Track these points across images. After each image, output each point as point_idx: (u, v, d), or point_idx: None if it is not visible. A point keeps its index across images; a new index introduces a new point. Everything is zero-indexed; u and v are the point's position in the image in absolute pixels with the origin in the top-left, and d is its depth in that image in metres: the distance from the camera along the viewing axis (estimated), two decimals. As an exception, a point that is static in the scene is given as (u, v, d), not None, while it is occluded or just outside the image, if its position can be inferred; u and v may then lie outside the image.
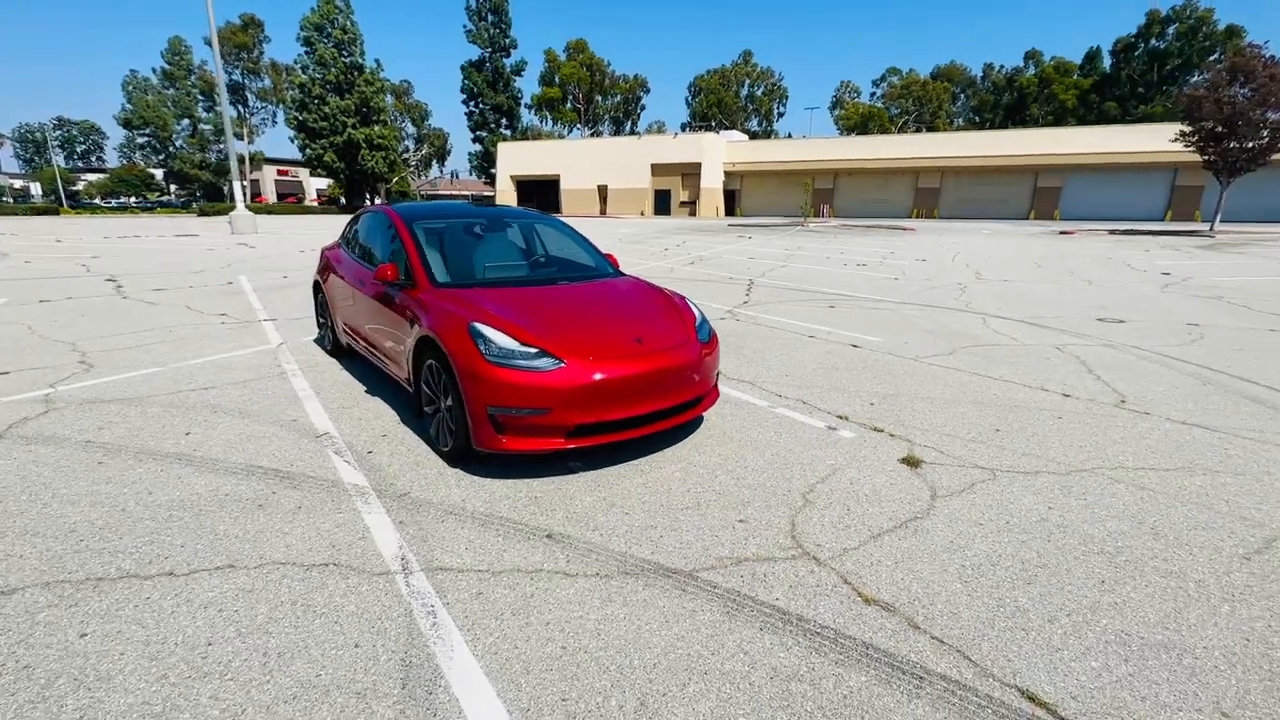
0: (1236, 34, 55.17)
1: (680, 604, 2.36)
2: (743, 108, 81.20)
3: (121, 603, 2.31)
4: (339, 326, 5.43)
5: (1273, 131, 22.52)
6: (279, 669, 2.00)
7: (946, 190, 42.85)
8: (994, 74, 76.23)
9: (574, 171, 48.77)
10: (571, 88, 74.53)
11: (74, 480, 3.27)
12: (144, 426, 4.05)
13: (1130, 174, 37.80)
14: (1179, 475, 3.53)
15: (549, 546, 2.74)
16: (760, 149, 49.99)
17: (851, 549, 2.75)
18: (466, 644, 2.12)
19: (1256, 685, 1.99)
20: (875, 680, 1.99)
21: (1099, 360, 6.08)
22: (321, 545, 2.71)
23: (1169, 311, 8.73)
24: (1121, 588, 2.49)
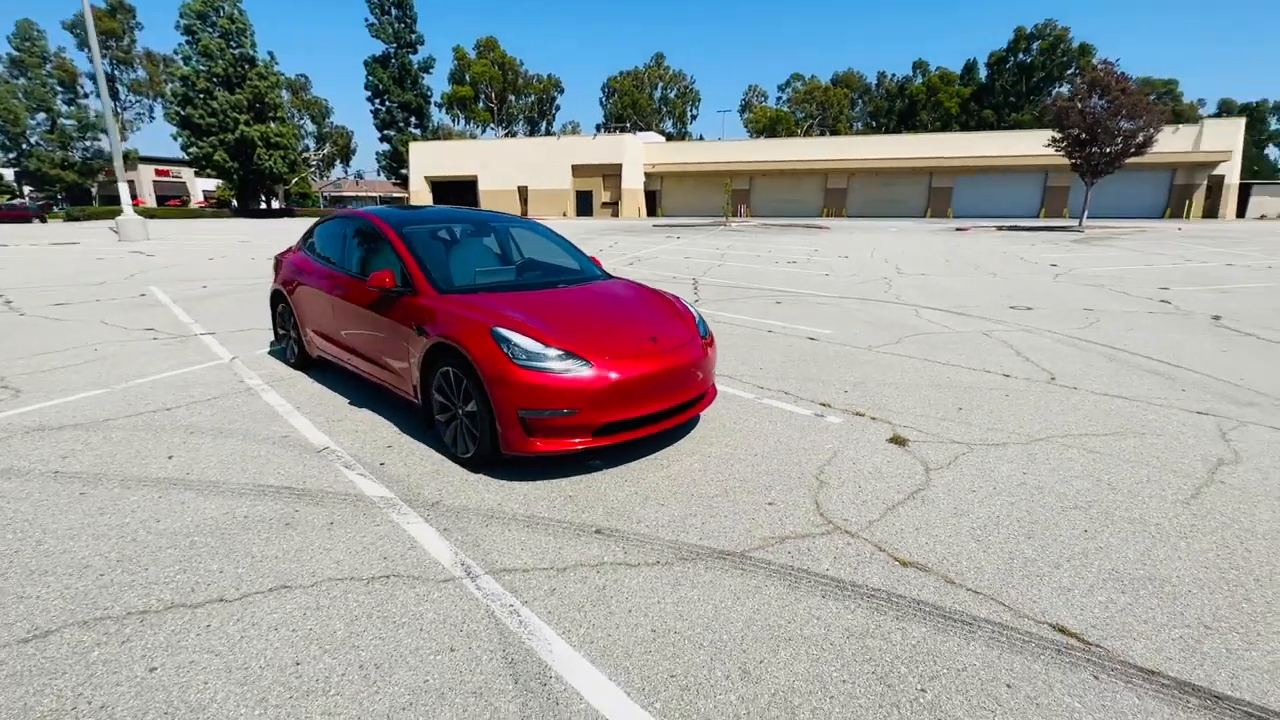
0: (1088, 51, 62.28)
1: (744, 582, 2.54)
2: (656, 110, 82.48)
3: (180, 633, 2.19)
4: (308, 338, 5.19)
5: (1125, 139, 25.73)
6: (382, 679, 2.00)
7: (853, 190, 45.62)
8: (887, 82, 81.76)
9: (492, 172, 47.78)
10: (483, 86, 72.89)
11: (61, 514, 3.00)
12: (115, 452, 3.73)
13: (1009, 176, 41.85)
14: (1115, 439, 4.11)
15: (602, 541, 2.84)
16: (679, 150, 51.05)
17: (875, 521, 3.03)
18: (560, 637, 2.20)
19: (1224, 602, 2.43)
20: (934, 630, 2.26)
21: (1022, 343, 6.82)
22: (372, 558, 2.67)
23: (1065, 299, 9.86)
24: (1101, 535, 2.92)
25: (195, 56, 44.95)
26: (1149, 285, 11.30)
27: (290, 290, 5.30)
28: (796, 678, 2.02)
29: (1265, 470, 3.61)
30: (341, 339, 4.66)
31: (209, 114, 45.40)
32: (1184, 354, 6.38)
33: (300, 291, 5.17)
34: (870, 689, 1.98)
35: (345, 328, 4.59)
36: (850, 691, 1.97)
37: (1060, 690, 1.97)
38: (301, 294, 5.15)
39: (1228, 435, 4.17)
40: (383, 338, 4.12)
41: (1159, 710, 1.90)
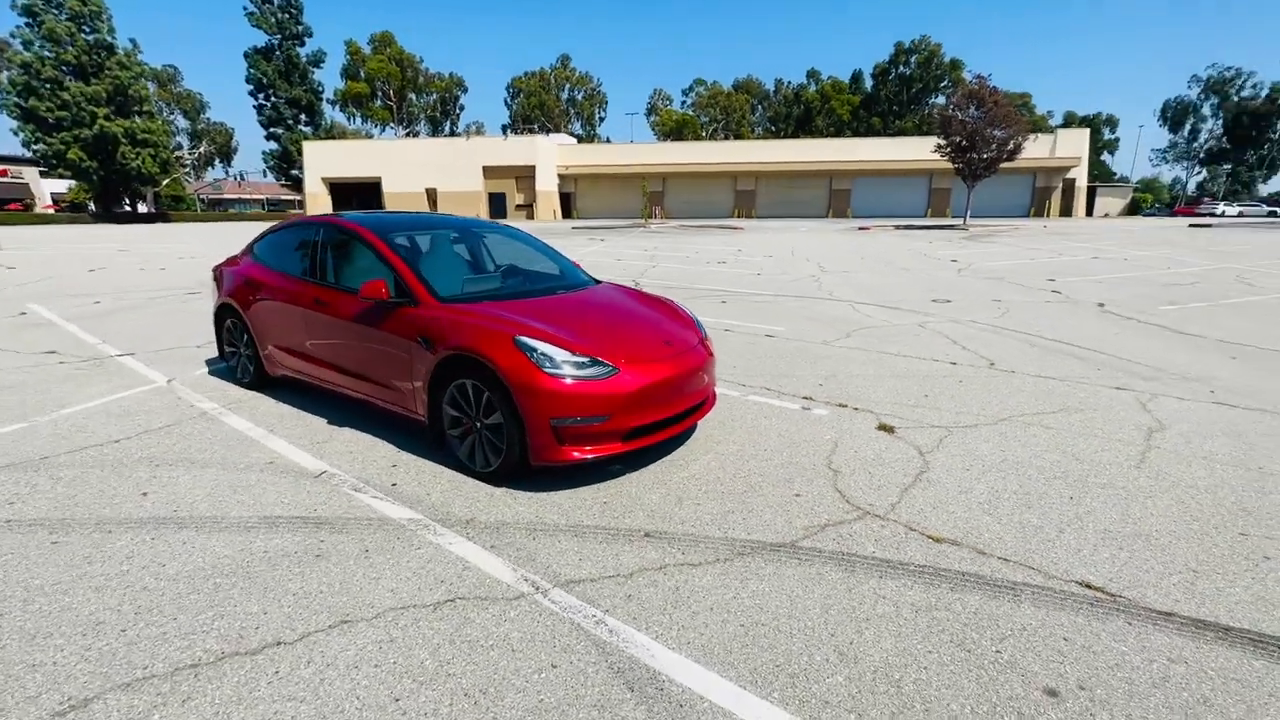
0: (958, 65, 68.60)
1: (805, 571, 2.66)
2: (565, 111, 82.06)
3: (247, 684, 2.01)
4: (268, 355, 4.79)
5: (999, 146, 28.65)
6: (495, 703, 1.94)
7: (761, 192, 47.62)
8: (784, 89, 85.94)
9: (398, 174, 45.62)
10: (381, 83, 69.40)
11: (38, 567, 2.63)
12: (74, 494, 3.30)
13: (899, 179, 45.34)
14: (1063, 415, 4.63)
15: (655, 544, 2.87)
16: (592, 153, 51.09)
17: (895, 503, 3.26)
18: (656, 641, 2.22)
19: (1198, 549, 2.83)
20: (986, 596, 2.49)
21: (955, 334, 7.48)
22: (428, 583, 2.55)
23: (974, 292, 10.87)
24: (1084, 500, 3.30)
25: (39, 41, 39.68)
26: (1038, 278, 12.68)
27: (243, 304, 4.86)
28: (888, 654, 2.17)
29: (1186, 435, 4.21)
30: (316, 355, 4.35)
31: (59, 106, 40.28)
32: (1086, 337, 7.25)
33: (258, 306, 4.76)
34: (954, 656, 2.16)
35: (321, 343, 4.29)
36: (939, 660, 2.14)
37: (1107, 639, 2.24)
38: (260, 309, 4.75)
39: (1147, 406, 4.81)
40: (375, 352, 3.90)
41: (1185, 645, 2.21)
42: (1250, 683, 2.04)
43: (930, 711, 1.92)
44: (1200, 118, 70.57)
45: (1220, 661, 2.13)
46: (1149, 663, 2.12)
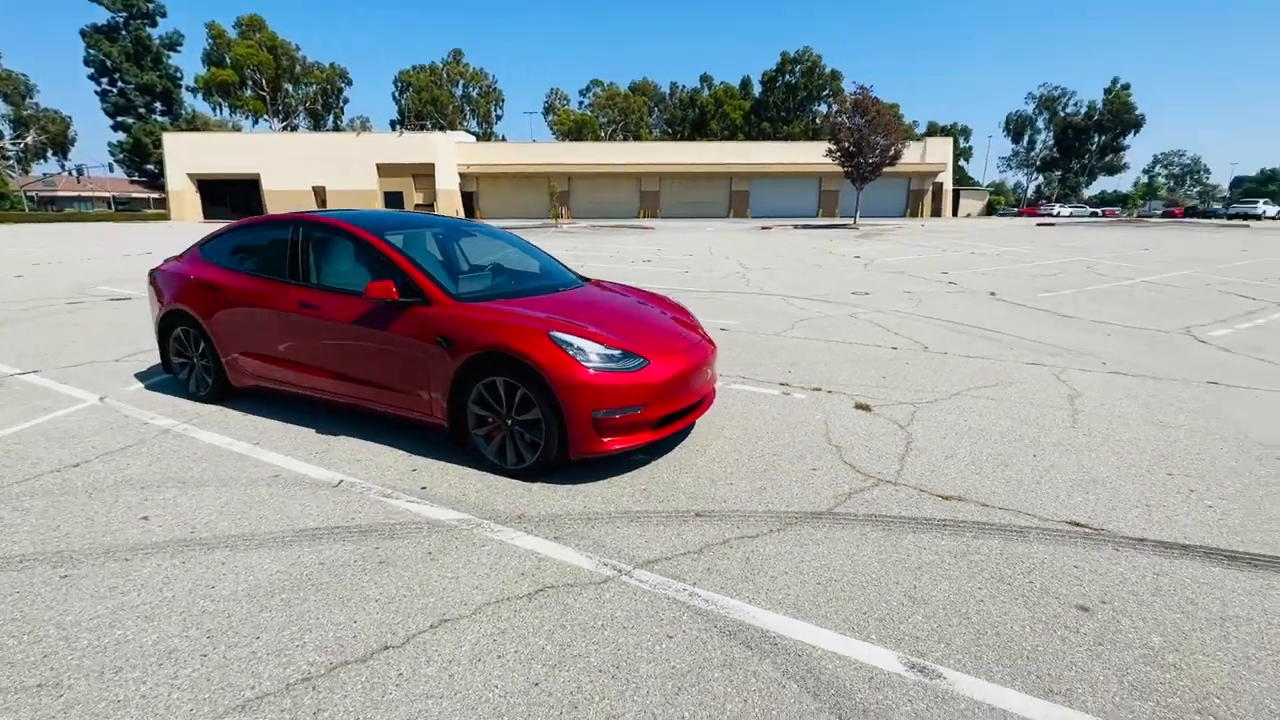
0: (838, 76, 73.80)
1: (850, 533, 2.95)
2: (459, 108, 79.34)
3: (375, 687, 1.97)
4: (234, 364, 4.43)
5: (882, 152, 31.29)
6: (631, 674, 2.04)
7: (665, 193, 48.72)
8: (679, 92, 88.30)
9: (280, 170, 42.11)
10: (251, 71, 63.57)
11: (62, 604, 2.36)
12: (56, 525, 2.94)
13: (793, 180, 48.12)
14: (1000, 389, 5.31)
15: (709, 521, 3.04)
16: (495, 151, 49.85)
17: (900, 470, 3.65)
18: (752, 605, 2.41)
19: (1142, 488, 3.43)
20: (1002, 539, 2.89)
21: (884, 322, 8.23)
22: (510, 576, 2.57)
23: (885, 284, 11.92)
24: (1045, 457, 3.87)
25: None
26: (934, 271, 14.10)
27: (201, 310, 4.46)
28: (948, 593, 2.49)
29: (1099, 400, 4.99)
30: (303, 361, 4.10)
31: None
32: (991, 321, 8.25)
33: (221, 312, 4.38)
34: (999, 589, 2.52)
35: (310, 348, 4.05)
36: (989, 593, 2.49)
37: (1104, 563, 2.71)
38: (224, 315, 4.37)
39: (1060, 378, 5.62)
40: (382, 355, 3.76)
41: (1162, 562, 2.72)
42: (1217, 584, 2.56)
43: (1000, 634, 2.25)
44: (1036, 130, 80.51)
45: (1191, 572, 2.65)
46: (1142, 578, 2.60)
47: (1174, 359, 6.31)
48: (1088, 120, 75.02)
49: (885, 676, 2.04)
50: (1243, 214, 47.13)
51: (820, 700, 1.94)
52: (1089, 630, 2.27)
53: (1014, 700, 1.95)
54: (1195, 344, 7.01)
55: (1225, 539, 2.91)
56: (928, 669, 2.07)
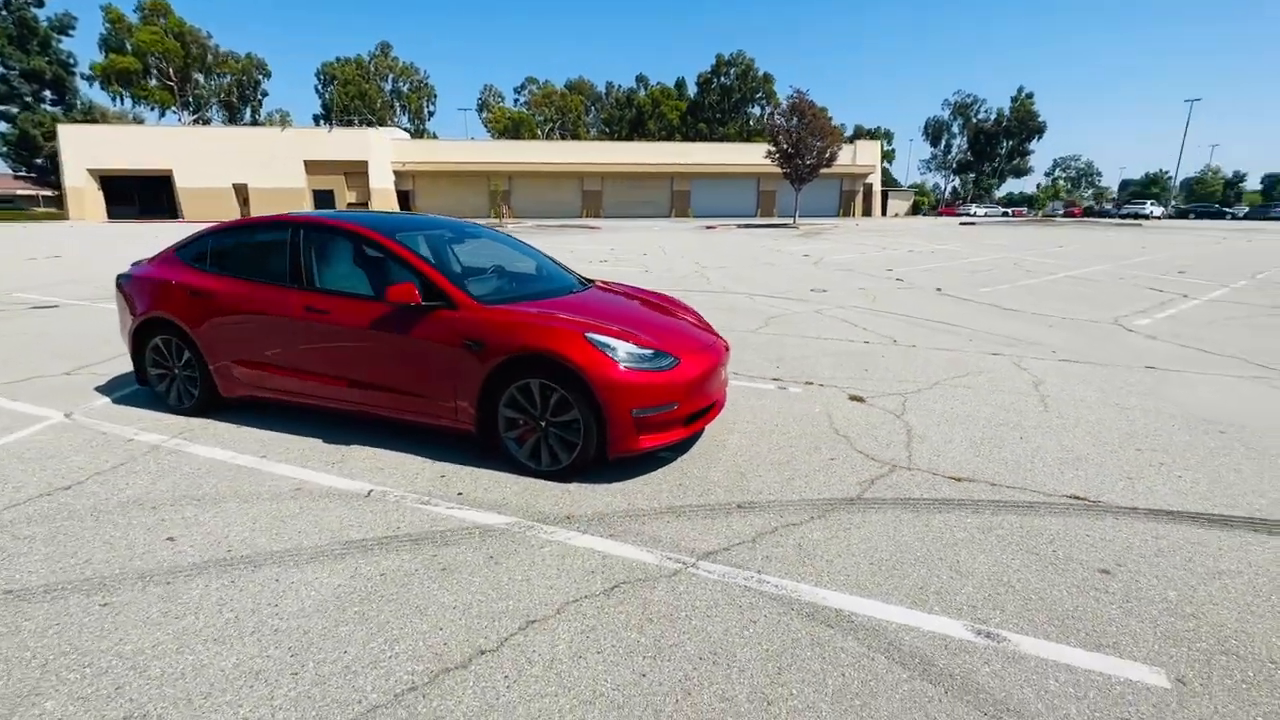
0: (770, 79, 75.97)
1: (885, 516, 3.15)
2: (389, 103, 76.50)
3: (487, 690, 1.97)
4: (226, 373, 4.20)
5: (819, 153, 32.51)
6: (730, 658, 2.13)
7: (607, 192, 48.74)
8: (615, 92, 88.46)
9: (195, 166, 39.33)
10: (156, 59, 58.98)
11: (113, 633, 2.21)
12: (73, 551, 2.73)
13: (733, 181, 49.23)
14: (971, 377, 5.72)
15: (752, 512, 3.17)
16: (432, 149, 48.37)
17: (909, 456, 3.90)
18: (818, 587, 2.54)
19: (1121, 462, 3.82)
20: (1017, 514, 3.16)
21: (849, 317, 8.64)
22: (579, 575, 2.61)
23: (839, 282, 12.46)
24: (1031, 439, 4.22)
25: None
26: (879, 268, 14.84)
27: (186, 318, 4.19)
28: (987, 565, 2.71)
29: (1060, 386, 5.46)
30: (309, 369, 3.94)
31: None
32: (944, 315, 8.81)
33: (211, 319, 4.14)
34: (1030, 559, 2.77)
35: (318, 355, 3.90)
36: (1023, 563, 2.73)
37: (1110, 530, 3.02)
38: (215, 322, 4.13)
39: (1021, 366, 6.11)
40: (402, 360, 3.67)
41: (1158, 527, 3.05)
42: (1205, 544, 2.90)
43: (1044, 598, 2.49)
44: (952, 135, 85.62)
45: (1182, 534, 2.99)
46: (1144, 542, 2.91)
47: (1111, 347, 6.96)
48: (997, 126, 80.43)
49: (959, 643, 2.22)
50: (1134, 214, 51.96)
51: (909, 669, 2.10)
52: (1115, 590, 2.54)
53: (1074, 656, 2.17)
54: (1125, 333, 7.75)
55: (1199, 504, 3.29)
56: (993, 634, 2.27)
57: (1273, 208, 53.46)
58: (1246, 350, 6.81)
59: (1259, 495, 3.39)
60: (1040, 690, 2.01)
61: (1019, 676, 2.07)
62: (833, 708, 1.94)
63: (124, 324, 4.62)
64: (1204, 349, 6.87)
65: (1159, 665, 2.13)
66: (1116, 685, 2.04)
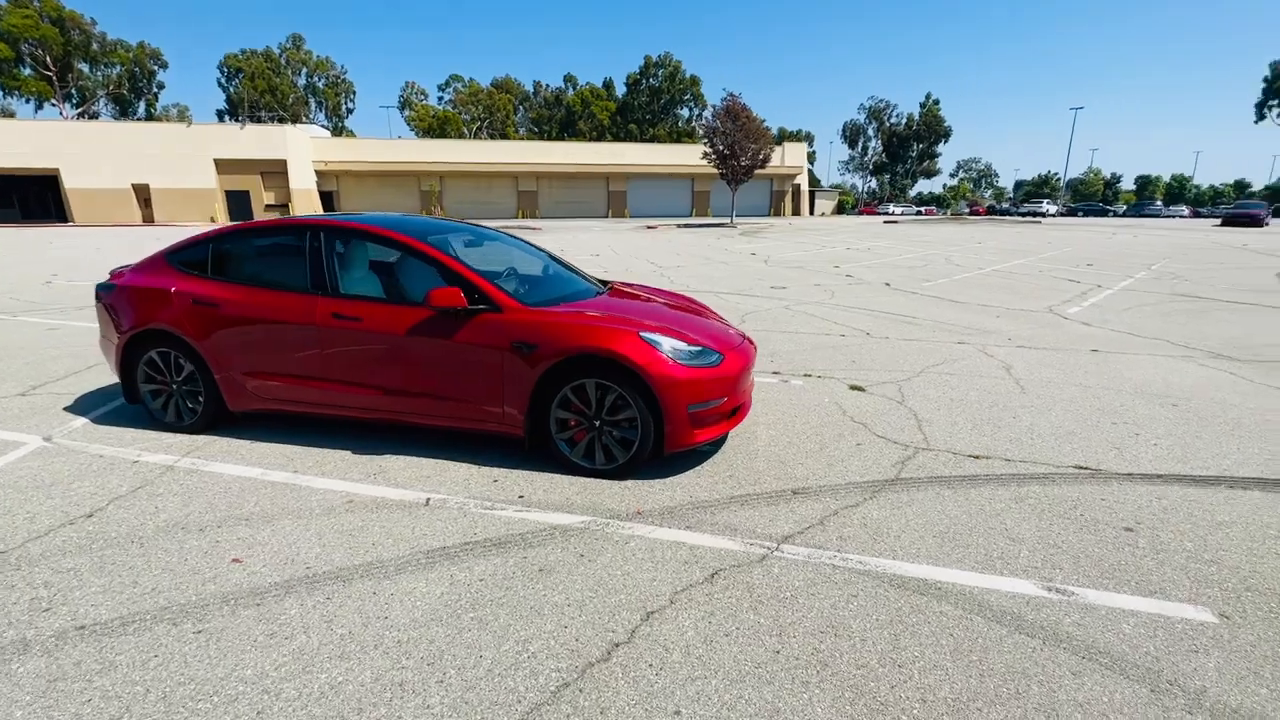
0: (697, 81, 77.43)
1: (927, 494, 3.40)
2: (303, 99, 72.42)
3: (639, 680, 2.03)
4: (241, 386, 3.96)
5: (753, 155, 33.54)
6: (849, 630, 2.28)
7: (543, 193, 48.20)
8: (544, 91, 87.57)
9: (87, 164, 35.77)
10: (31, 46, 53.25)
11: (222, 659, 2.10)
12: (133, 581, 2.55)
13: (668, 181, 49.87)
14: (949, 364, 6.17)
15: (809, 497, 3.34)
16: (358, 148, 46.11)
17: (926, 438, 4.20)
18: (896, 560, 2.74)
19: (1106, 436, 4.27)
20: (1041, 485, 3.50)
21: (817, 312, 9.06)
22: (676, 566, 2.69)
23: (793, 279, 12.97)
24: (1023, 417, 4.63)
25: None
26: (826, 265, 15.55)
27: (193, 330, 3.92)
28: (1032, 531, 3.01)
29: (1028, 369, 5.99)
30: (337, 378, 3.79)
31: None
32: (900, 308, 9.40)
33: (223, 330, 3.89)
34: (1065, 524, 3.08)
35: (347, 363, 3.75)
36: (1060, 528, 3.04)
37: (1119, 494, 3.40)
38: (227, 334, 3.89)
39: (987, 353, 6.64)
40: (444, 365, 3.60)
41: (1157, 489, 3.46)
42: (1198, 500, 3.33)
43: (1089, 555, 2.79)
44: (868, 138, 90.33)
45: (1178, 493, 3.41)
46: (1151, 502, 3.31)
47: (1055, 333, 7.67)
48: (908, 130, 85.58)
49: (1037, 600, 2.48)
50: (1033, 212, 56.74)
51: (1005, 626, 2.32)
52: (1143, 545, 2.89)
53: (1132, 602, 2.47)
54: (1062, 320, 8.55)
55: (1180, 467, 3.76)
56: (1062, 589, 2.54)
57: (1146, 205, 59.84)
58: (1165, 333, 7.69)
59: (1223, 457, 3.90)
60: (1119, 634, 2.28)
61: (1098, 624, 2.33)
62: (955, 664, 2.13)
63: (108, 338, 4.26)
64: (1132, 333, 7.69)
65: (1203, 604, 2.46)
66: (1177, 624, 2.34)
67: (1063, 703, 1.96)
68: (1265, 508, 3.24)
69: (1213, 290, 11.16)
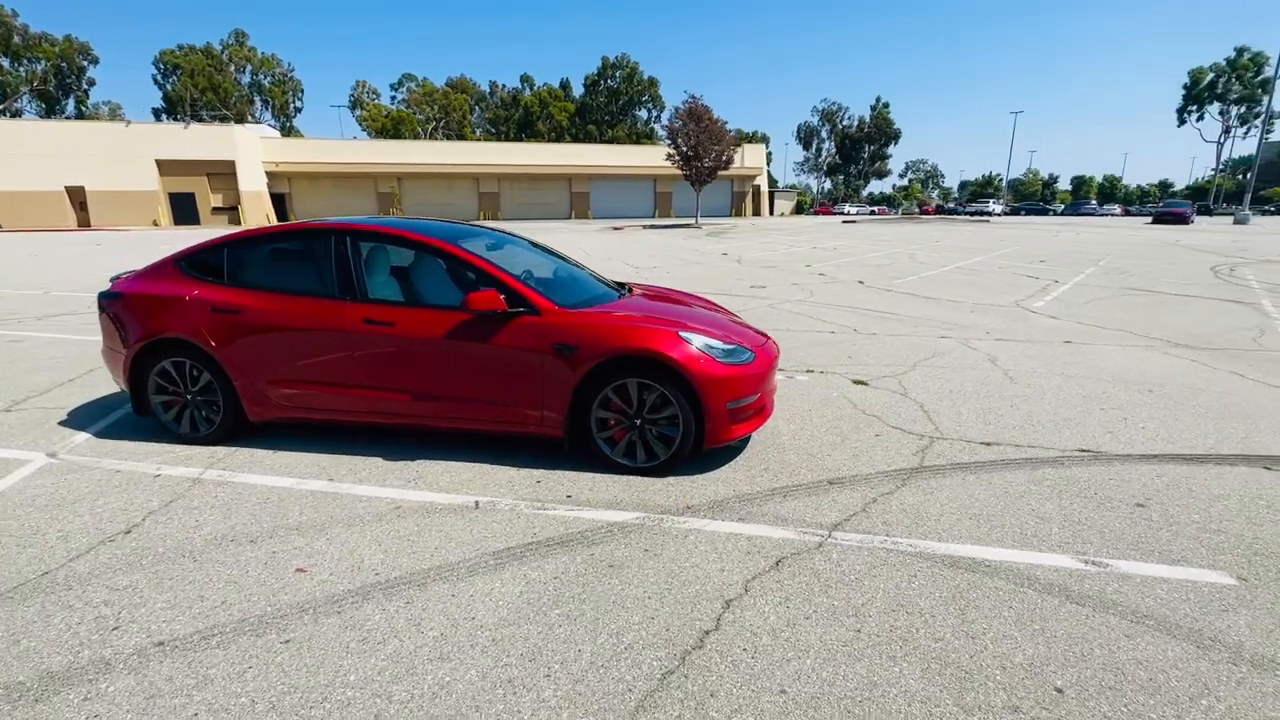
0: (655, 82, 77.90)
1: (952, 479, 3.60)
2: (248, 97, 69.67)
3: (735, 663, 2.11)
4: (263, 394, 3.87)
5: (717, 156, 34.00)
6: (919, 609, 2.42)
7: (505, 195, 47.70)
8: (501, 92, 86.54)
9: (11, 166, 33.60)
10: (-57, 39, 49.66)
11: (328, 667, 2.09)
12: (200, 595, 2.49)
13: (630, 182, 50.03)
14: (939, 358, 6.46)
15: (845, 486, 3.50)
16: (311, 148, 44.60)
17: (939, 427, 4.42)
18: (941, 542, 2.91)
19: (1101, 419, 4.58)
20: (1051, 468, 3.75)
21: (802, 310, 9.32)
22: (740, 556, 2.79)
23: (770, 279, 13.27)
24: (1020, 405, 4.92)
25: None
26: (798, 264, 15.94)
27: (214, 338, 3.80)
28: (1055, 509, 3.23)
29: (1012, 360, 6.34)
30: (367, 384, 3.74)
31: None
32: (878, 304, 9.76)
33: (247, 338, 3.79)
34: (1083, 502, 3.32)
35: (381, 368, 3.72)
36: (1080, 506, 3.27)
37: (1122, 473, 3.67)
38: (251, 341, 3.79)
39: (970, 346, 6.98)
40: (482, 368, 3.61)
41: (1153, 467, 3.75)
42: (1194, 476, 3.63)
43: (1112, 529, 3.02)
44: (821, 139, 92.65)
45: (1176, 471, 3.70)
46: (1153, 479, 3.58)
47: (1027, 327, 8.11)
48: (860, 132, 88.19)
49: (1079, 572, 2.68)
50: (980, 211, 59.30)
51: (1055, 596, 2.51)
52: (1156, 518, 3.14)
53: (1160, 570, 2.69)
54: (1030, 314, 9.03)
55: (1169, 446, 4.07)
56: (1098, 562, 2.75)
57: (1082, 205, 63.29)
58: (1126, 325, 8.22)
59: (1204, 437, 4.25)
60: (1157, 599, 2.49)
61: (1135, 591, 2.54)
62: (1022, 632, 2.29)
63: (113, 348, 4.09)
64: (1096, 325, 8.19)
65: (1221, 569, 2.70)
66: (1203, 588, 2.57)
67: (1124, 662, 2.14)
68: (1253, 481, 3.55)
69: (1159, 285, 11.95)
